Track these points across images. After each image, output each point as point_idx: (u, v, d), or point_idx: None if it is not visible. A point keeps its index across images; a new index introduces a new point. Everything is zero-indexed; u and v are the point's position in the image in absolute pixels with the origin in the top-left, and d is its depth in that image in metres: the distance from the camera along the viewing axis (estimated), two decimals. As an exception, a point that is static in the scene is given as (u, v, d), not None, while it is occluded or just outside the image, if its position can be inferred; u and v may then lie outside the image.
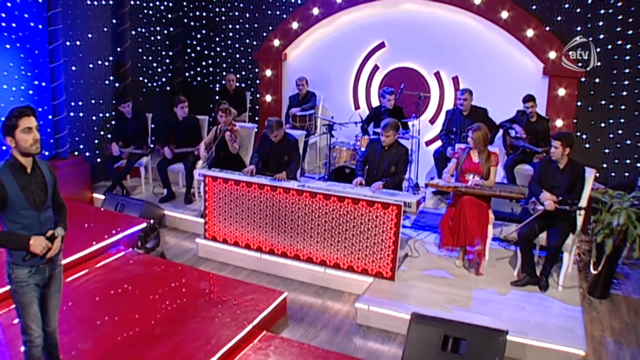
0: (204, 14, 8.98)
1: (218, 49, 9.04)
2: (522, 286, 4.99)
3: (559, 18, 6.64)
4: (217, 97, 8.91)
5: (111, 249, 5.70)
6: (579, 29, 6.52)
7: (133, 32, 8.15)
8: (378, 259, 5.13)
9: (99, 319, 4.37)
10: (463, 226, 5.26)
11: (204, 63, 9.22)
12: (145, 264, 5.47)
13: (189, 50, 9.24)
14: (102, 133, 7.80)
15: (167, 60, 9.04)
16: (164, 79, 9.03)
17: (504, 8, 6.79)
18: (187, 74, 9.36)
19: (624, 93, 6.64)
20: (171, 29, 8.97)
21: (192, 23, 9.10)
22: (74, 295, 4.77)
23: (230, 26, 8.85)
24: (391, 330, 4.59)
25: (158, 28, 8.73)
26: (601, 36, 6.42)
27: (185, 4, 9.05)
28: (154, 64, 8.78)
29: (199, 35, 9.12)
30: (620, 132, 6.78)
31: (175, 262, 5.72)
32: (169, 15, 8.91)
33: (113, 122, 7.81)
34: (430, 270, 5.36)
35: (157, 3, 8.64)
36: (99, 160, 7.71)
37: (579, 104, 6.74)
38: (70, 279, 5.04)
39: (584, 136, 6.77)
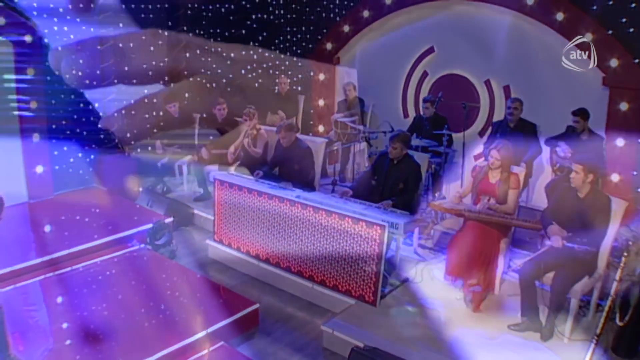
0: (265, 16, 9.03)
1: (277, 51, 9.05)
2: (520, 332, 4.32)
3: (623, 20, 5.62)
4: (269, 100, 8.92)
5: (128, 243, 6.00)
6: (647, 32, 5.49)
7: (190, 34, 8.46)
8: (361, 281, 4.77)
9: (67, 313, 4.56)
10: (465, 255, 4.72)
11: (264, 65, 9.29)
12: (144, 261, 5.64)
13: (251, 52, 9.37)
14: (154, 131, 8.21)
15: (228, 62, 9.24)
16: (224, 80, 9.24)
17: (559, 9, 5.93)
18: (249, 76, 9.49)
19: None
20: (232, 30, 9.15)
21: (254, 25, 9.21)
22: (55, 286, 5.03)
23: (288, 29, 8.82)
24: (353, 361, 4.21)
25: (218, 30, 8.97)
26: (676, 41, 5.33)
27: (248, 6, 9.18)
28: (213, 65, 9.03)
29: (260, 38, 9.20)
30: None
31: (177, 262, 5.82)
32: (231, 18, 9.10)
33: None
34: (425, 300, 4.87)
35: (218, 6, 8.87)
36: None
37: (646, 120, 5.68)
38: (68, 269, 5.35)
39: (651, 160, 5.69)
